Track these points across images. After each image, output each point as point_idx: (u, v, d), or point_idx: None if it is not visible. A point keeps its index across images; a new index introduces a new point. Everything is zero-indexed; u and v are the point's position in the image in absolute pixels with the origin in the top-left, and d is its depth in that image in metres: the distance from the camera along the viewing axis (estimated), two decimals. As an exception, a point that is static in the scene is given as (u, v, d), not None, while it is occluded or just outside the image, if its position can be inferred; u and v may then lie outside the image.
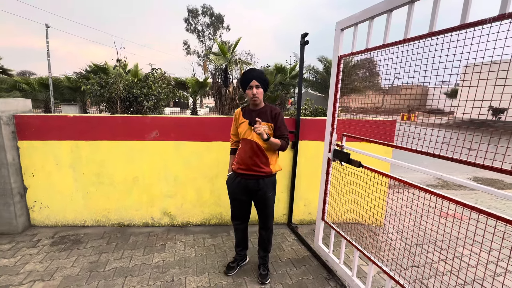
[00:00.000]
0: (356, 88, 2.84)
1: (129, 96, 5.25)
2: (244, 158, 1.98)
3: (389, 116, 2.86)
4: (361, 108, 2.34)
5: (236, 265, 2.28)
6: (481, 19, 1.14)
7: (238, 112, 2.11)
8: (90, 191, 2.92)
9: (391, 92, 1.85)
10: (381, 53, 1.70)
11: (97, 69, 12.07)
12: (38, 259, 2.38)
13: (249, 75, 1.96)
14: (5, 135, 2.63)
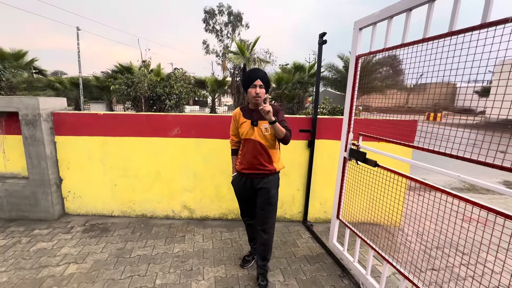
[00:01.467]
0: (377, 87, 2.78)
1: (153, 95, 5.51)
2: (248, 158, 1.98)
3: (413, 116, 2.78)
4: (383, 107, 2.27)
5: (252, 259, 2.35)
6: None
7: (237, 112, 2.07)
8: (117, 183, 3.14)
9: (416, 91, 1.78)
10: (402, 52, 1.68)
11: (123, 69, 12.68)
12: (72, 244, 2.62)
13: (253, 74, 1.92)
14: (45, 131, 2.89)
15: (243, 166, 2.03)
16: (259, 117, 1.95)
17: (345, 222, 2.32)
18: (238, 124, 2.05)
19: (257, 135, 1.94)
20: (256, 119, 1.95)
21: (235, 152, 2.19)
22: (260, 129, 1.94)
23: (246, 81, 1.96)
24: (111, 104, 15.73)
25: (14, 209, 3.05)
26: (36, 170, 2.96)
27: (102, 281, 2.10)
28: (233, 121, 2.12)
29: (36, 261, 2.33)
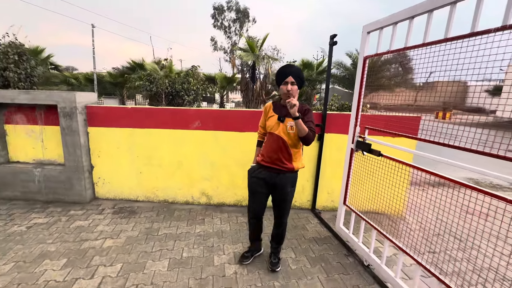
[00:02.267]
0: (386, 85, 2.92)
1: (172, 91, 5.84)
2: (269, 152, 2.02)
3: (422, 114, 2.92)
4: (392, 105, 2.26)
5: (251, 255, 2.35)
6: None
7: (269, 105, 2.12)
8: (142, 171, 3.45)
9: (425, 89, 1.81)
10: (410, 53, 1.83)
11: (135, 65, 13.07)
12: (105, 223, 2.94)
13: (286, 70, 1.93)
14: (79, 122, 3.22)
15: (262, 158, 2.07)
16: (287, 114, 1.92)
17: (351, 207, 2.56)
18: (267, 117, 2.09)
19: (281, 131, 1.96)
20: (283, 115, 1.97)
21: (260, 143, 2.21)
22: (285, 125, 1.95)
23: (278, 77, 1.97)
24: (123, 99, 16.23)
25: (51, 192, 3.40)
26: (72, 157, 3.29)
27: (136, 252, 2.42)
28: (263, 113, 2.16)
29: (77, 235, 2.66)
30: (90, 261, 2.27)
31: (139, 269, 2.20)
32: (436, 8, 1.64)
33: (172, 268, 2.22)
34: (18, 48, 5.38)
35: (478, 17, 1.42)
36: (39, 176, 3.36)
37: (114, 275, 2.12)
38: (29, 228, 2.75)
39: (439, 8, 1.63)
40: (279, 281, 2.13)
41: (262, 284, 2.08)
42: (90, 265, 2.22)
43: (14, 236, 2.60)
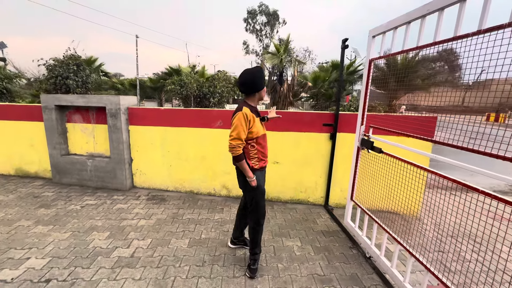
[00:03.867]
0: (423, 85, 2.74)
1: (200, 94, 6.41)
2: (265, 152, 2.12)
3: (473, 116, 2.56)
4: (434, 106, 2.00)
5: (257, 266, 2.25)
6: None
7: (250, 113, 1.94)
8: (172, 164, 3.93)
9: (475, 88, 1.55)
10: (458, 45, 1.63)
11: (172, 71, 14.17)
12: (140, 207, 3.45)
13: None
14: (123, 121, 3.80)
15: (264, 161, 2.10)
16: (260, 114, 2.14)
17: (357, 202, 2.69)
18: (252, 124, 1.95)
19: (265, 129, 2.16)
20: (262, 116, 2.17)
21: (243, 156, 1.97)
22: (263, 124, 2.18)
23: (263, 80, 2.07)
24: (161, 102, 17.65)
25: (99, 180, 4.05)
26: (116, 151, 3.89)
27: (163, 231, 2.84)
28: (245, 123, 1.91)
29: (118, 215, 3.19)
30: (127, 235, 2.74)
31: (165, 244, 2.61)
32: (427, 14, 1.76)
33: (191, 246, 2.59)
34: (77, 60, 6.42)
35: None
36: (90, 166, 4.03)
37: (145, 247, 2.55)
38: (82, 207, 3.36)
39: (428, 15, 1.75)
40: (283, 263, 2.36)
41: (267, 265, 2.34)
42: (127, 238, 2.69)
43: (71, 212, 3.22)
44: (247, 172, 1.98)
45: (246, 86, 1.99)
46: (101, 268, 2.22)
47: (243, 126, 1.90)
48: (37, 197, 3.63)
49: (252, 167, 2.04)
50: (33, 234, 2.71)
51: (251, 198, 2.13)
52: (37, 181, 4.26)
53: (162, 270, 2.22)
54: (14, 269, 2.17)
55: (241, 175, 2.09)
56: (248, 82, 1.98)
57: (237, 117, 1.91)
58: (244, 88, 2.01)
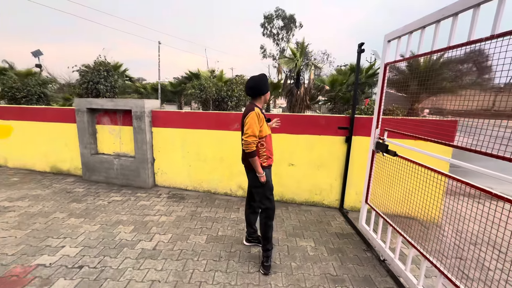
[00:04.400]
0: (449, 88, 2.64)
1: (218, 97, 6.65)
2: (272, 150, 2.32)
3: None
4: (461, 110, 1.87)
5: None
6: None
7: (261, 113, 2.15)
8: (191, 165, 4.12)
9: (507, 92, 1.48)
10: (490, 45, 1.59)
11: (192, 75, 14.67)
12: (161, 204, 3.65)
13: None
14: (147, 123, 4.06)
15: (271, 159, 2.30)
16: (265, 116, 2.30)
17: (371, 205, 2.70)
18: (262, 123, 2.15)
19: (270, 130, 2.36)
20: (267, 117, 2.33)
21: (256, 152, 2.13)
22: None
23: (268, 85, 2.26)
24: (181, 105, 18.28)
25: (124, 178, 4.32)
26: (140, 151, 4.15)
27: (183, 227, 3.01)
28: (258, 121, 2.10)
29: (141, 211, 3.40)
30: (149, 230, 2.93)
31: (184, 239, 2.76)
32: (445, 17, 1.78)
33: (209, 242, 2.73)
34: (106, 66, 6.91)
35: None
36: (117, 165, 4.31)
37: (166, 241, 2.72)
38: (109, 203, 3.62)
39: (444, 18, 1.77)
40: (296, 262, 2.43)
41: (281, 263, 2.41)
42: (150, 232, 2.88)
43: (100, 207, 3.48)
44: (258, 168, 2.14)
45: (253, 90, 2.21)
46: (126, 258, 2.41)
47: (256, 124, 2.09)
48: (69, 193, 3.95)
49: (262, 165, 2.21)
50: (67, 225, 2.97)
51: (261, 195, 2.27)
52: (69, 178, 4.62)
53: (182, 263, 2.37)
54: (51, 255, 2.41)
55: (250, 172, 2.27)
56: (254, 87, 2.20)
57: (250, 116, 2.09)
58: (251, 92, 2.23)
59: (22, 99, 6.72)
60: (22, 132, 4.91)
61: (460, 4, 1.61)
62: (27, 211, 3.29)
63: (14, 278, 2.11)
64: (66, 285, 2.05)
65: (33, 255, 2.42)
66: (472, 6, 1.53)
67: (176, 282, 2.12)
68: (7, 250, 2.47)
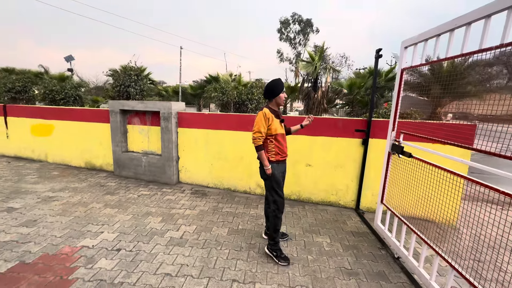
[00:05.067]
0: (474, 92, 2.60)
1: (239, 100, 6.95)
2: (283, 148, 2.50)
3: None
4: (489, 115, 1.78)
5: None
6: None
7: (269, 113, 2.41)
8: (213, 163, 4.38)
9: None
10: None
11: (212, 78, 15.14)
12: (186, 199, 3.93)
13: (282, 83, 2.50)
14: (173, 124, 4.37)
15: (280, 155, 2.49)
16: (280, 116, 2.53)
17: (387, 205, 2.79)
18: (270, 123, 2.40)
19: (283, 130, 2.56)
20: (282, 118, 2.53)
21: (262, 147, 2.43)
22: (284, 125, 2.59)
23: (280, 87, 2.45)
24: (200, 107, 18.86)
25: (151, 175, 4.66)
26: (166, 150, 4.47)
27: (206, 220, 3.24)
28: (265, 120, 2.38)
29: (168, 205, 3.68)
30: (176, 221, 3.20)
31: (207, 230, 3.00)
32: (456, 27, 1.89)
33: (230, 234, 2.94)
34: (136, 71, 7.44)
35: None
36: (144, 162, 4.66)
37: (191, 231, 2.96)
38: (139, 196, 3.95)
39: (459, 27, 1.88)
40: (312, 255, 2.58)
41: (298, 255, 2.57)
42: (176, 223, 3.14)
43: (130, 200, 3.80)
44: (264, 161, 2.41)
45: (267, 93, 2.51)
46: (157, 245, 2.67)
47: (262, 122, 2.38)
48: (103, 186, 4.34)
49: (269, 159, 2.46)
50: (104, 214, 3.31)
51: (268, 186, 2.52)
52: (102, 173, 5.04)
53: (206, 251, 2.60)
54: (93, 239, 2.73)
55: (261, 166, 2.51)
56: (267, 91, 2.49)
57: (258, 115, 2.45)
58: (266, 95, 2.53)
59: (61, 101, 7.38)
60: (62, 130, 5.42)
61: (473, 15, 1.72)
62: (69, 201, 3.68)
63: (64, 256, 2.43)
64: (107, 264, 2.34)
65: (78, 238, 2.74)
66: (483, 17, 1.64)
67: (202, 267, 2.35)
68: (55, 233, 2.82)
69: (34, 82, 8.57)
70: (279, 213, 2.50)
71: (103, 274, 2.21)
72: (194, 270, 2.30)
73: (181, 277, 2.21)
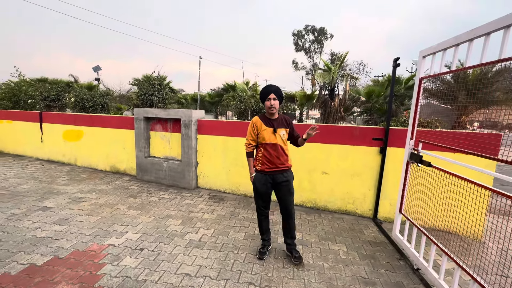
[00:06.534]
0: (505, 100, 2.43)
1: (256, 108, 7.12)
2: (271, 159, 2.39)
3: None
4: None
5: (266, 250, 2.66)
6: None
7: (258, 120, 2.42)
8: (230, 169, 4.50)
9: None
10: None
11: (229, 87, 15.53)
12: (204, 204, 4.05)
13: (268, 89, 2.37)
14: (193, 131, 4.56)
15: (266, 166, 2.42)
16: (278, 125, 2.42)
17: (405, 214, 2.75)
18: (259, 131, 2.41)
19: (278, 140, 2.39)
20: (276, 127, 2.39)
21: (251, 154, 2.52)
22: (279, 135, 2.41)
23: (262, 95, 2.39)
24: (217, 115, 19.35)
25: (171, 179, 4.86)
26: (186, 156, 4.66)
27: (223, 224, 3.34)
28: (253, 128, 2.43)
29: (187, 208, 3.83)
30: (195, 224, 3.32)
31: (225, 234, 3.08)
32: (475, 37, 1.90)
33: (247, 238, 3.01)
34: (159, 80, 7.88)
35: None
36: (165, 167, 4.88)
37: (209, 234, 3.07)
38: (159, 200, 4.13)
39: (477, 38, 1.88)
40: (328, 263, 2.58)
41: (314, 262, 2.59)
42: (195, 226, 3.26)
43: (152, 203, 3.99)
44: (249, 168, 2.54)
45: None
46: (177, 246, 2.79)
47: (249, 130, 2.49)
48: (126, 189, 4.58)
49: (255, 167, 2.52)
50: (128, 215, 3.50)
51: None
52: (125, 177, 5.32)
53: (224, 254, 2.68)
54: (118, 238, 2.90)
55: None
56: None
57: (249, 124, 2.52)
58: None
59: (90, 108, 7.92)
60: (90, 136, 5.80)
61: (492, 26, 1.73)
62: (96, 202, 3.93)
63: (93, 253, 2.61)
64: (132, 262, 2.48)
65: (104, 236, 2.93)
66: (503, 27, 1.65)
67: (220, 269, 2.43)
68: (84, 231, 3.03)
69: (66, 91, 9.26)
70: (258, 216, 2.69)
71: (128, 271, 2.35)
72: (212, 272, 2.39)
73: (200, 277, 2.30)
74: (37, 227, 3.08)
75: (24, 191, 4.24)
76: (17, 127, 6.81)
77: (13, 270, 2.29)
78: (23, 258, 2.46)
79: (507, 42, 1.63)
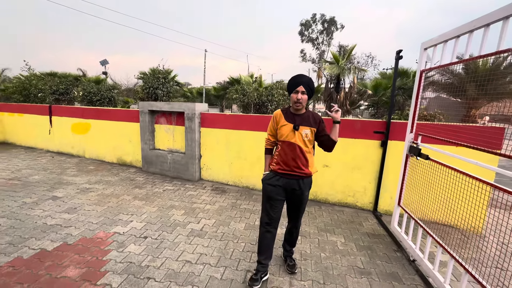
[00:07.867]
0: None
1: (259, 101, 7.16)
2: (285, 160, 2.00)
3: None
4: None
5: (260, 277, 2.11)
6: None
7: (279, 113, 2.08)
8: (232, 162, 4.57)
9: None
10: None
11: (234, 80, 15.51)
12: (206, 195, 4.15)
13: (298, 80, 1.97)
14: (196, 124, 4.63)
15: (280, 167, 2.04)
16: (301, 122, 2.00)
17: (404, 207, 2.77)
18: (278, 126, 2.06)
19: (298, 139, 1.98)
20: (298, 124, 1.98)
21: (269, 151, 2.19)
22: (300, 134, 1.99)
23: (290, 86, 2.01)
24: (222, 108, 19.42)
25: (176, 171, 4.97)
26: (189, 148, 4.74)
27: (225, 215, 3.43)
28: (272, 122, 2.12)
29: (190, 199, 3.93)
30: (197, 215, 3.42)
31: (226, 225, 3.17)
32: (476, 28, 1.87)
33: (247, 229, 3.09)
34: (164, 74, 7.96)
35: None
36: (169, 159, 4.98)
37: (211, 224, 3.16)
38: (164, 191, 4.24)
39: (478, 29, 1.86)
40: (325, 253, 2.64)
41: (311, 252, 2.65)
42: (197, 217, 3.36)
43: (156, 194, 4.11)
44: (265, 166, 2.21)
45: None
46: (180, 235, 2.90)
47: (270, 123, 2.16)
48: (132, 180, 4.71)
49: (270, 165, 2.16)
50: (133, 205, 3.62)
51: None
52: (131, 169, 5.46)
53: (224, 243, 2.77)
54: (123, 227, 3.02)
55: None
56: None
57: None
58: None
59: (97, 101, 8.08)
60: (97, 129, 5.95)
61: (491, 17, 1.71)
62: (103, 192, 4.07)
63: (99, 240, 2.73)
64: (136, 249, 2.59)
65: (110, 225, 3.06)
66: (502, 18, 1.63)
67: (219, 257, 2.52)
68: (92, 220, 3.16)
69: (74, 85, 9.45)
70: (263, 228, 2.15)
71: (132, 257, 2.46)
72: (212, 259, 2.48)
73: (200, 264, 2.40)
74: (48, 215, 3.22)
75: (35, 182, 4.41)
76: (28, 120, 7.03)
77: (25, 255, 2.43)
78: (34, 244, 2.60)
79: (506, 32, 1.61)
